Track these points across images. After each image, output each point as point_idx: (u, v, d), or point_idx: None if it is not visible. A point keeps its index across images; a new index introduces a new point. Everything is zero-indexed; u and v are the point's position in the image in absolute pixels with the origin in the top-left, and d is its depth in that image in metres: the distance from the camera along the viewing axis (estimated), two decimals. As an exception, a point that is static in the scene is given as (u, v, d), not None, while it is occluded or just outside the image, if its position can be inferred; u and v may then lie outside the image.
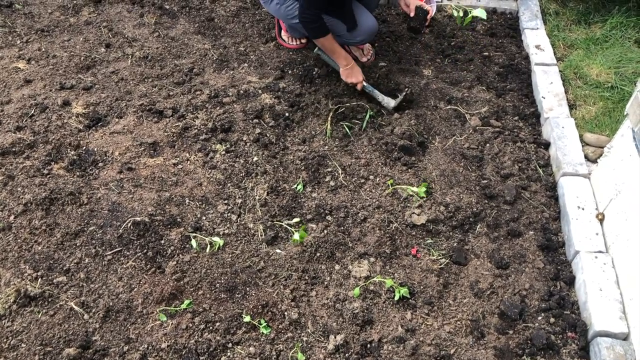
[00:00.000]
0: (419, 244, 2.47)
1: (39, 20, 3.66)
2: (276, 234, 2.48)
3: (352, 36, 3.03)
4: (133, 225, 2.44)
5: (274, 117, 3.00)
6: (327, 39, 2.93)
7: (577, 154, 2.74)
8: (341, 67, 3.04)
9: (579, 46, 3.52)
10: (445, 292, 2.30)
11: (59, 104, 3.02)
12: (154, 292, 2.24)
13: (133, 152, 2.79)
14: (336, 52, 3.00)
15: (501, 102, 3.15)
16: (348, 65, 3.02)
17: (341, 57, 3.01)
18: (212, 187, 2.66)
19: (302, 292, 2.28)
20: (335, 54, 3.01)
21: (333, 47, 2.98)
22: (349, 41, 3.12)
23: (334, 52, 3.00)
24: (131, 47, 3.46)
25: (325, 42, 2.95)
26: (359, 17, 3.01)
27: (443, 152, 2.84)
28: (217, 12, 3.79)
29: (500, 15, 3.86)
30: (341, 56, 3.01)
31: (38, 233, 2.43)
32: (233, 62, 3.38)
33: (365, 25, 3.02)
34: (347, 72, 3.03)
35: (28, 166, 2.69)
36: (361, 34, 3.03)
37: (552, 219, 2.58)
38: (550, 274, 2.36)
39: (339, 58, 3.02)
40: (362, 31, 3.02)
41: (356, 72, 3.03)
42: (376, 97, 3.07)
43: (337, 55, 3.01)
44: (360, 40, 3.08)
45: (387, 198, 2.62)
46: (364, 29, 3.02)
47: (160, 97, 3.11)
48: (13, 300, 2.18)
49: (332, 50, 2.99)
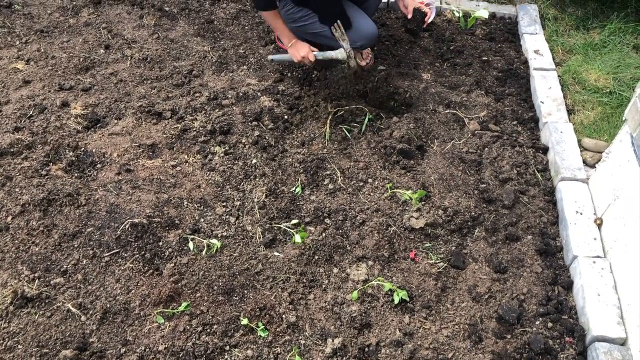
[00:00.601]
0: (418, 247, 2.47)
1: (39, 22, 3.66)
2: (275, 237, 2.48)
3: (353, 41, 3.02)
4: (131, 227, 2.44)
5: (273, 120, 3.00)
6: (271, 14, 2.98)
7: (576, 159, 2.75)
8: (287, 46, 3.04)
9: (578, 52, 3.53)
10: (443, 296, 2.30)
11: (57, 105, 3.01)
12: (151, 294, 2.23)
13: (132, 154, 2.79)
14: (279, 29, 3.03)
15: (500, 106, 3.16)
16: (292, 41, 3.02)
17: (284, 35, 3.04)
18: (211, 189, 2.66)
19: (300, 295, 2.28)
20: (278, 30, 3.04)
21: (276, 23, 3.02)
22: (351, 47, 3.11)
23: (277, 29, 3.04)
24: (131, 48, 3.46)
25: (269, 17, 3.00)
26: (359, 22, 3.01)
27: (442, 156, 2.84)
28: (217, 14, 3.79)
29: (500, 20, 3.87)
30: (284, 34, 3.03)
31: (36, 234, 2.42)
32: (232, 64, 3.38)
33: (365, 30, 3.01)
34: (293, 50, 3.01)
35: (26, 167, 2.68)
36: (361, 38, 3.03)
37: (550, 224, 2.58)
38: (549, 278, 2.36)
39: (283, 36, 3.04)
40: (362, 36, 3.02)
41: (301, 46, 3.01)
42: (330, 56, 2.99)
43: (280, 32, 3.04)
44: (360, 45, 3.07)
45: (385, 202, 2.62)
46: (364, 34, 3.02)
47: (160, 99, 3.10)
48: (10, 302, 2.17)
49: (275, 26, 3.04)
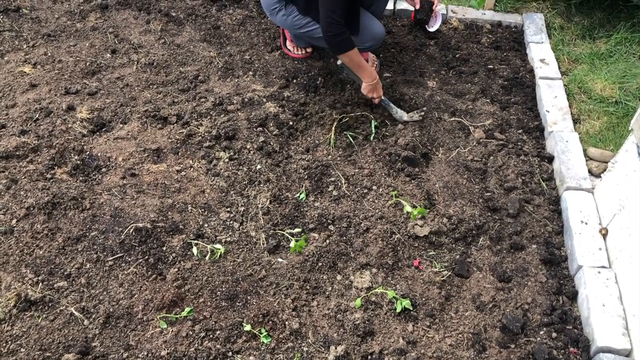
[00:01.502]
0: (422, 255, 2.46)
1: (46, 25, 3.68)
2: (278, 242, 2.48)
3: (361, 42, 3.02)
4: (135, 231, 2.44)
5: (278, 125, 3.00)
6: (354, 52, 2.82)
7: (581, 169, 2.74)
8: (366, 82, 2.94)
9: (584, 61, 3.53)
10: (447, 304, 2.29)
11: (63, 109, 3.02)
12: (154, 298, 2.23)
13: (136, 158, 2.80)
14: (362, 67, 2.90)
15: (505, 115, 3.15)
16: (374, 81, 2.94)
17: (367, 72, 2.91)
18: (215, 194, 2.66)
19: (304, 301, 2.27)
20: (362, 68, 2.90)
21: (360, 62, 2.88)
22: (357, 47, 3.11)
23: (360, 66, 2.89)
24: (137, 53, 3.47)
25: (352, 56, 2.84)
26: (367, 23, 3.02)
27: (446, 163, 2.84)
28: (223, 20, 3.80)
29: (505, 29, 3.87)
30: (367, 71, 2.91)
31: (40, 237, 2.42)
32: (238, 70, 3.39)
33: (373, 30, 3.03)
34: (371, 87, 2.95)
35: (31, 170, 2.69)
36: (370, 39, 3.04)
37: (555, 233, 2.57)
38: (553, 288, 2.35)
39: (365, 73, 2.92)
40: (371, 36, 3.03)
41: (379, 88, 2.98)
42: (390, 110, 3.06)
43: (364, 70, 2.91)
44: (368, 46, 3.09)
45: (390, 209, 2.62)
46: (372, 34, 3.03)
47: (165, 104, 3.11)
48: (13, 305, 2.17)
49: (359, 64, 2.88)
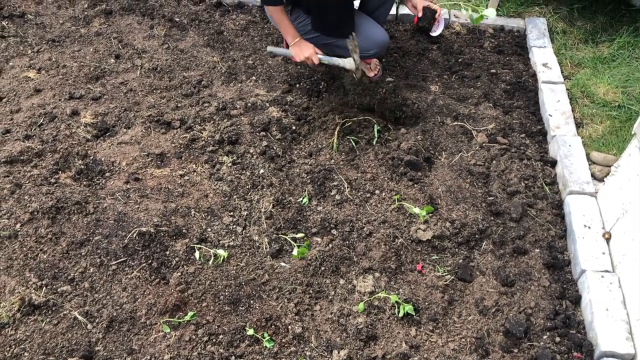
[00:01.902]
0: (425, 259, 2.46)
1: (50, 31, 3.70)
2: (281, 247, 2.48)
3: (365, 50, 3.04)
4: (138, 236, 2.45)
5: (281, 130, 3.01)
6: (276, 10, 2.91)
7: (584, 173, 2.74)
8: (290, 45, 2.96)
9: (586, 65, 3.53)
10: (450, 308, 2.29)
11: (67, 114, 3.04)
12: (157, 303, 2.24)
13: (140, 163, 2.81)
14: (283, 25, 2.95)
15: (508, 119, 3.16)
16: (295, 39, 2.94)
17: (288, 33, 2.95)
18: (218, 198, 2.67)
19: (306, 306, 2.28)
20: (283, 26, 2.96)
21: (282, 19, 2.94)
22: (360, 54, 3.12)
23: (281, 25, 2.96)
24: (140, 58, 3.49)
25: (274, 13, 2.94)
26: (370, 30, 3.03)
27: (449, 168, 2.84)
28: (226, 25, 3.82)
29: (508, 33, 3.87)
30: (288, 32, 2.95)
31: (44, 242, 2.43)
32: (241, 75, 3.40)
33: (376, 37, 3.03)
34: (297, 48, 2.94)
35: (35, 175, 2.70)
36: (373, 46, 3.05)
37: (558, 237, 2.57)
38: (556, 292, 2.34)
39: (287, 34, 2.96)
40: (374, 43, 3.04)
41: (305, 46, 2.94)
42: (336, 63, 2.96)
43: (284, 29, 2.96)
44: (372, 54, 3.10)
45: (392, 213, 2.62)
46: (375, 41, 3.04)
47: (169, 109, 3.12)
48: (17, 309, 2.18)
49: (280, 22, 2.95)
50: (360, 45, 3.02)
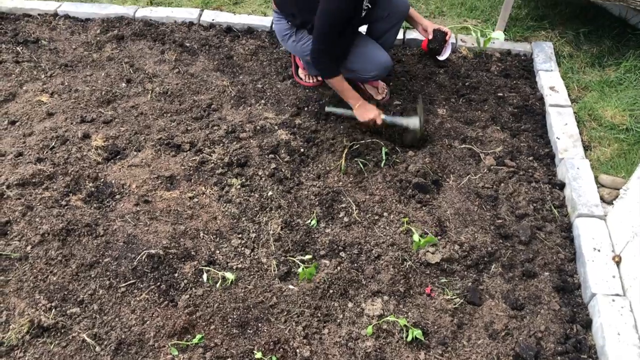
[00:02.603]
0: (433, 283, 2.45)
1: (63, 56, 3.77)
2: (289, 269, 2.48)
3: (366, 71, 3.07)
4: (147, 258, 2.46)
5: (290, 152, 3.03)
6: (337, 79, 2.97)
7: (593, 195, 2.73)
8: (354, 107, 3.04)
9: (593, 88, 3.54)
10: (459, 332, 2.27)
11: (79, 137, 3.08)
12: (166, 325, 2.23)
13: (150, 185, 2.83)
14: (345, 91, 3.02)
15: (516, 142, 3.17)
16: (360, 103, 3.02)
17: (351, 97, 3.03)
18: (227, 221, 2.68)
19: (315, 329, 2.27)
20: (345, 93, 3.02)
21: (343, 87, 3.00)
22: (362, 76, 3.16)
23: (343, 91, 3.02)
24: (151, 82, 3.54)
25: (335, 83, 2.99)
26: (372, 52, 3.07)
27: (457, 190, 2.84)
28: (236, 50, 3.88)
29: (515, 57, 3.90)
30: (351, 95, 3.02)
31: (54, 263, 2.45)
32: (250, 98, 3.44)
33: (378, 59, 3.07)
34: (361, 110, 3.03)
35: (47, 197, 2.73)
36: (374, 68, 3.08)
37: (567, 260, 2.56)
38: (566, 316, 2.32)
39: (350, 97, 3.03)
40: (375, 66, 3.07)
41: (370, 108, 3.03)
42: (400, 123, 3.06)
43: (347, 94, 3.02)
44: (373, 75, 3.12)
45: (401, 235, 2.62)
46: (376, 64, 3.07)
47: (179, 132, 3.16)
48: (26, 331, 2.19)
49: (341, 89, 3.01)
50: (361, 66, 3.06)
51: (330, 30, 2.81)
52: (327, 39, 2.84)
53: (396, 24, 3.21)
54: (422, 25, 3.23)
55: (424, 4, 4.36)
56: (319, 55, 2.90)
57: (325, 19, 2.78)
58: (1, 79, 3.53)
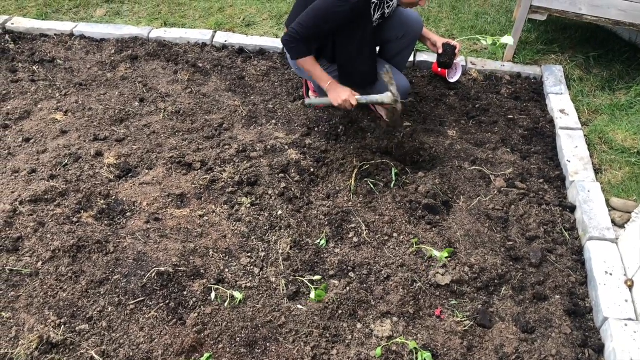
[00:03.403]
0: (443, 304, 2.43)
1: (78, 75, 3.83)
2: (298, 289, 2.48)
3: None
4: (157, 276, 2.46)
5: (300, 172, 3.04)
6: (308, 60, 2.96)
7: (604, 219, 2.72)
8: (325, 87, 3.01)
9: (604, 112, 3.55)
10: (469, 355, 2.25)
11: (92, 155, 3.11)
12: (174, 343, 2.23)
13: (161, 203, 2.85)
14: (317, 73, 3.00)
15: (526, 164, 3.16)
16: (330, 82, 2.99)
17: (322, 78, 3.00)
18: (236, 239, 2.69)
19: (323, 350, 2.25)
20: (316, 74, 3.00)
21: (314, 68, 2.99)
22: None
23: (314, 72, 3.00)
24: (164, 102, 3.59)
25: (307, 63, 2.97)
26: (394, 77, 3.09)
27: (468, 212, 2.84)
28: (247, 71, 3.93)
29: (525, 80, 3.92)
30: (322, 77, 3.00)
31: (64, 280, 2.46)
32: (261, 118, 3.47)
33: (399, 85, 3.08)
34: (333, 92, 2.98)
35: (58, 214, 2.75)
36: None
37: (579, 284, 2.53)
38: (578, 340, 2.29)
39: (321, 79, 3.01)
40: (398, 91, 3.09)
41: (342, 89, 2.98)
42: (375, 100, 3.01)
43: (318, 76, 3.00)
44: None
45: (411, 256, 2.61)
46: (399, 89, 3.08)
47: (190, 151, 3.19)
48: (35, 347, 2.19)
49: (313, 70, 2.99)
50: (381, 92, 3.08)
51: (314, 23, 2.83)
52: (308, 30, 2.85)
53: (410, 44, 3.24)
54: (430, 40, 3.24)
55: (434, 26, 4.40)
56: (292, 39, 2.88)
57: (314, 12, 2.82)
58: (17, 97, 3.59)
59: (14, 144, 3.21)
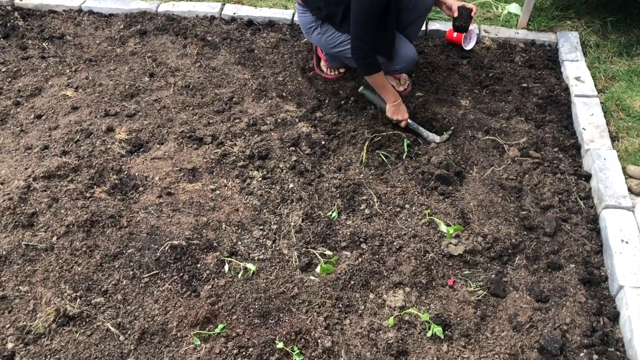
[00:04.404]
0: (456, 275, 2.42)
1: (88, 51, 3.82)
2: (310, 260, 2.48)
3: (392, 64, 3.05)
4: (170, 249, 2.48)
5: (310, 145, 3.03)
6: (379, 75, 2.94)
7: (620, 187, 2.67)
8: (389, 103, 3.04)
9: (621, 78, 3.46)
10: (482, 324, 2.24)
11: (103, 130, 3.12)
12: (188, 315, 2.25)
13: (172, 178, 2.85)
14: (386, 89, 3.00)
15: (540, 133, 3.11)
16: (396, 102, 3.02)
17: (390, 94, 3.02)
18: (248, 212, 2.69)
19: (336, 320, 2.26)
20: (385, 90, 3.01)
21: (384, 83, 2.99)
22: (387, 69, 3.13)
23: (383, 88, 3.00)
24: (174, 76, 3.57)
25: (376, 79, 2.96)
26: (399, 45, 3.04)
27: (481, 182, 2.81)
28: (257, 43, 3.88)
29: (539, 47, 3.84)
30: (390, 93, 3.02)
31: (78, 254, 2.48)
32: (271, 91, 3.45)
33: (405, 53, 3.04)
34: (394, 109, 3.04)
35: (72, 189, 2.77)
36: (401, 62, 3.05)
37: (594, 252, 2.51)
38: (593, 308, 2.28)
39: (388, 95, 3.02)
40: (402, 59, 3.04)
41: (402, 110, 3.04)
42: (421, 133, 3.09)
43: (387, 91, 3.01)
44: (399, 68, 3.10)
45: (423, 227, 2.60)
46: (403, 57, 3.04)
47: (201, 125, 3.18)
48: (53, 319, 2.22)
49: (382, 86, 3.00)
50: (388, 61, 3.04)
51: (367, 24, 2.76)
52: (366, 35, 2.79)
53: (422, 15, 3.17)
54: (446, 3, 3.15)
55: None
56: (360, 52, 2.84)
57: (359, 15, 2.74)
58: (28, 74, 3.60)
59: (26, 121, 3.23)
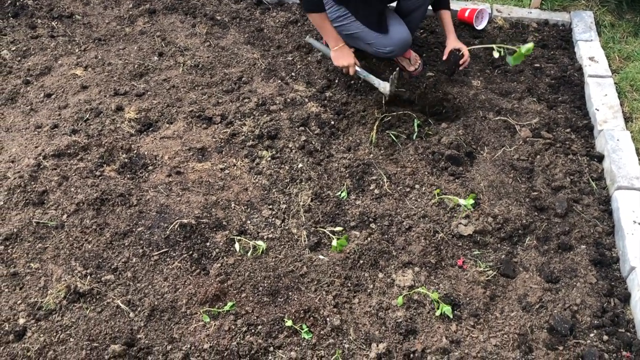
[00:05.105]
0: (466, 255, 2.41)
1: (97, 30, 3.81)
2: (319, 240, 2.48)
3: (382, 45, 2.99)
4: (180, 227, 2.48)
5: (320, 125, 3.01)
6: (319, 15, 2.87)
7: (633, 168, 2.64)
8: (331, 49, 2.97)
9: (636, 58, 3.41)
10: (492, 304, 2.24)
11: (112, 109, 3.11)
12: (198, 293, 2.26)
13: (182, 157, 2.85)
14: (326, 31, 2.93)
15: (552, 113, 3.07)
16: (337, 46, 2.95)
17: (331, 37, 2.94)
18: (258, 192, 2.69)
19: (345, 298, 2.26)
20: (325, 32, 2.94)
21: (324, 25, 2.91)
22: (378, 51, 3.07)
23: (323, 29, 2.93)
24: (183, 56, 3.55)
25: (317, 18, 2.90)
26: (392, 27, 2.98)
27: (492, 162, 2.78)
28: (266, 23, 3.85)
29: (552, 27, 3.78)
30: (331, 36, 2.94)
31: (89, 232, 2.50)
32: (281, 71, 3.42)
33: (396, 36, 2.98)
34: (337, 54, 2.96)
35: (81, 168, 2.77)
36: (391, 44, 3.00)
37: (605, 234, 2.49)
38: (604, 289, 2.26)
39: (329, 38, 2.95)
40: (393, 41, 2.99)
41: (346, 54, 2.95)
42: (371, 82, 2.99)
43: (327, 35, 2.95)
44: (389, 50, 3.03)
45: (433, 207, 2.58)
46: (394, 39, 2.98)
47: (210, 104, 3.17)
48: (63, 296, 2.24)
49: (321, 27, 2.93)
50: (377, 40, 2.99)
51: None
52: None
53: (423, 3, 3.11)
54: (446, 38, 3.15)
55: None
56: None
57: None
58: (37, 53, 3.59)
59: (35, 100, 3.23)
